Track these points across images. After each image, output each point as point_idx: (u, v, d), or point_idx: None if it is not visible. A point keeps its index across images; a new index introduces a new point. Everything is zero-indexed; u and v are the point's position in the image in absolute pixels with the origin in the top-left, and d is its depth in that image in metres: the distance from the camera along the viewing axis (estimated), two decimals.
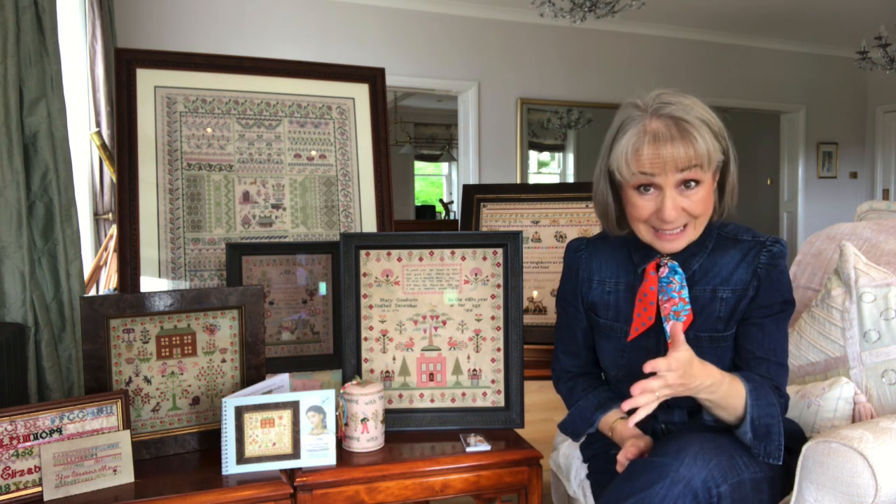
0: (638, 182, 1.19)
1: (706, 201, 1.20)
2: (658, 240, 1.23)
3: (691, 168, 1.16)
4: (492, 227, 2.16)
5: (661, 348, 1.27)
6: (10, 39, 1.67)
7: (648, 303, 1.27)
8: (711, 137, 1.17)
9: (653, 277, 1.27)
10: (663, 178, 1.16)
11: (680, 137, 1.15)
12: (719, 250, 1.27)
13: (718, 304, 1.25)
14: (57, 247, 1.79)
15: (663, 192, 1.17)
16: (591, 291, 1.37)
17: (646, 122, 1.18)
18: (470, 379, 1.55)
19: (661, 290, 1.26)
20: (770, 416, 1.15)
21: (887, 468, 1.09)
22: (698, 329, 1.25)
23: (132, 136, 1.80)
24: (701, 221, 1.22)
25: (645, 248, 1.29)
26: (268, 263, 1.75)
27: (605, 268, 1.37)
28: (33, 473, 1.20)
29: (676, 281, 1.25)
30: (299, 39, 5.21)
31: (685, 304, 1.24)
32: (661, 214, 1.18)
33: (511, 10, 5.80)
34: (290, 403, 1.31)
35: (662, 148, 1.15)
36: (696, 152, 1.15)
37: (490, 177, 5.93)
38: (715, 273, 1.26)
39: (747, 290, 1.24)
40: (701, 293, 1.26)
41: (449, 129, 10.43)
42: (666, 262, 1.27)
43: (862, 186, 7.76)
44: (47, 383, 1.74)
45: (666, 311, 1.25)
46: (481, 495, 1.43)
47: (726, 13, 6.16)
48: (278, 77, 1.97)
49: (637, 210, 1.21)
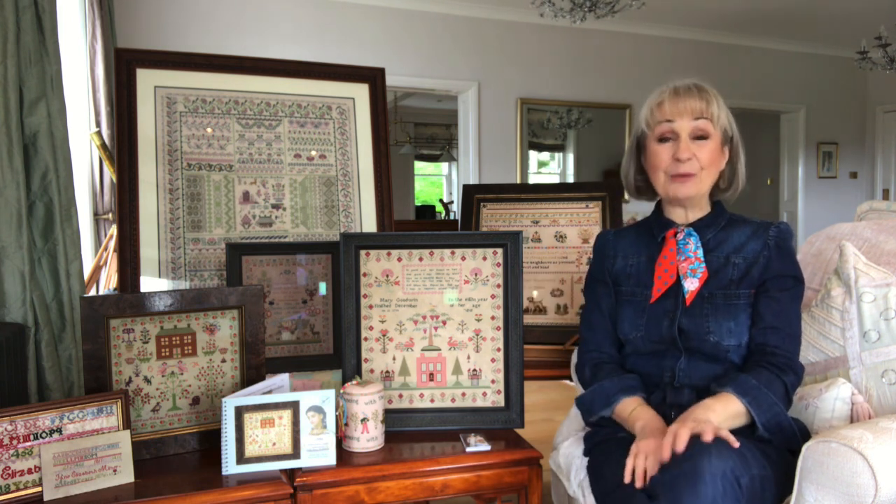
0: (660, 131, 1.40)
1: (713, 155, 1.40)
2: (672, 183, 1.40)
3: (703, 118, 1.38)
4: (492, 227, 2.16)
5: (678, 306, 1.38)
6: (10, 39, 1.67)
7: (669, 263, 1.42)
8: (724, 110, 1.41)
9: (672, 241, 1.43)
10: (680, 123, 1.38)
11: (697, 94, 1.39)
12: (731, 227, 1.45)
13: (731, 269, 1.39)
14: (57, 247, 1.79)
15: (679, 139, 1.38)
16: (614, 265, 1.51)
17: (670, 87, 1.43)
18: (470, 379, 1.55)
19: (679, 251, 1.41)
20: (776, 416, 1.25)
21: (887, 468, 1.09)
22: (712, 287, 1.38)
23: (132, 136, 1.80)
24: (707, 175, 1.40)
25: (664, 221, 1.46)
26: (268, 263, 1.75)
27: (629, 246, 1.52)
28: (33, 473, 1.20)
29: (692, 243, 1.41)
30: (299, 39, 5.20)
31: (700, 262, 1.39)
32: (677, 154, 1.38)
33: (511, 10, 5.80)
34: (290, 403, 1.31)
35: (681, 100, 1.39)
36: (708, 107, 1.38)
37: (490, 177, 5.93)
38: (728, 244, 1.42)
39: (758, 259, 1.38)
40: (715, 259, 1.41)
41: (449, 129, 10.43)
42: (683, 228, 1.43)
43: (862, 186, 7.76)
44: (47, 383, 1.74)
45: (683, 270, 1.39)
46: (481, 495, 1.43)
47: (726, 13, 6.15)
48: (278, 77, 1.97)
49: (657, 158, 1.41)
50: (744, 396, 1.24)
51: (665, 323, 1.39)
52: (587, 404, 1.43)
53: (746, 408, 1.23)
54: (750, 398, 1.24)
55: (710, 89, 1.42)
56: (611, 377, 1.42)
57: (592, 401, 1.42)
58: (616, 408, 1.37)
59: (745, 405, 1.23)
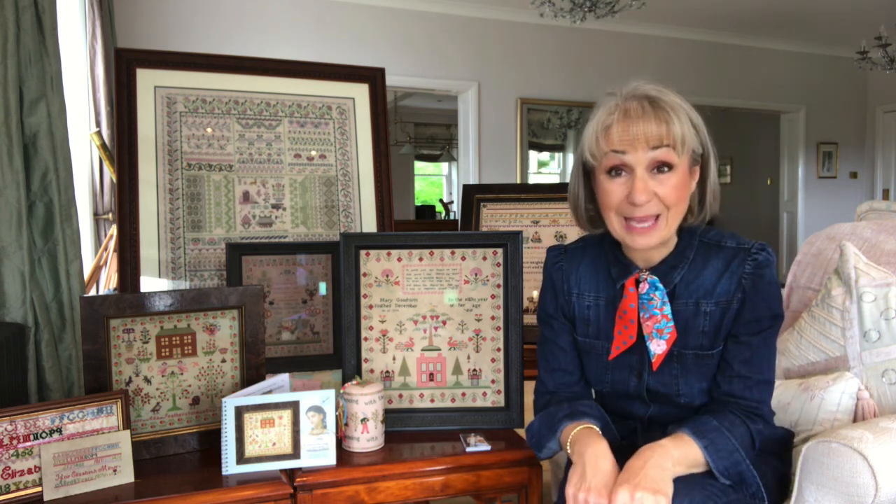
0: (609, 163, 1.14)
1: (680, 189, 1.13)
2: (629, 233, 1.15)
3: (663, 147, 1.11)
4: (492, 227, 2.16)
5: (644, 365, 1.22)
6: (10, 39, 1.67)
7: (629, 321, 1.20)
8: (688, 124, 1.13)
9: (632, 294, 1.21)
10: (634, 156, 1.11)
11: (653, 114, 1.11)
12: (700, 259, 1.20)
13: (702, 319, 1.19)
14: (57, 247, 1.79)
15: (634, 175, 1.12)
16: (569, 305, 1.30)
17: (618, 102, 1.15)
18: (470, 379, 1.55)
19: (642, 306, 1.19)
20: (736, 464, 1.10)
21: (887, 468, 1.09)
22: (682, 346, 1.19)
23: (132, 136, 1.80)
24: (674, 214, 1.15)
25: (623, 263, 1.24)
26: (268, 263, 1.75)
27: (584, 281, 1.29)
28: (33, 473, 1.20)
29: (657, 297, 1.19)
30: (299, 39, 5.21)
31: (668, 321, 1.18)
32: (631, 197, 1.12)
33: (511, 10, 5.80)
34: (290, 403, 1.31)
35: (633, 124, 1.11)
36: (669, 131, 1.11)
37: (490, 177, 5.93)
38: (697, 286, 1.19)
39: (731, 303, 1.18)
40: (683, 307, 1.20)
41: (449, 129, 10.43)
42: (646, 277, 1.20)
43: (862, 186, 7.76)
44: (47, 383, 1.74)
45: (648, 330, 1.19)
46: (481, 495, 1.42)
47: (727, 13, 6.16)
48: (278, 77, 1.97)
49: (607, 196, 1.16)
50: (700, 439, 1.09)
51: (632, 382, 1.23)
52: (535, 434, 1.25)
53: (703, 457, 1.09)
54: (707, 441, 1.09)
55: (668, 101, 1.13)
56: (561, 405, 1.25)
57: (539, 429, 1.24)
58: (562, 434, 1.19)
59: (701, 452, 1.09)
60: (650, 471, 1.03)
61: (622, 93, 1.17)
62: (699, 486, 1.08)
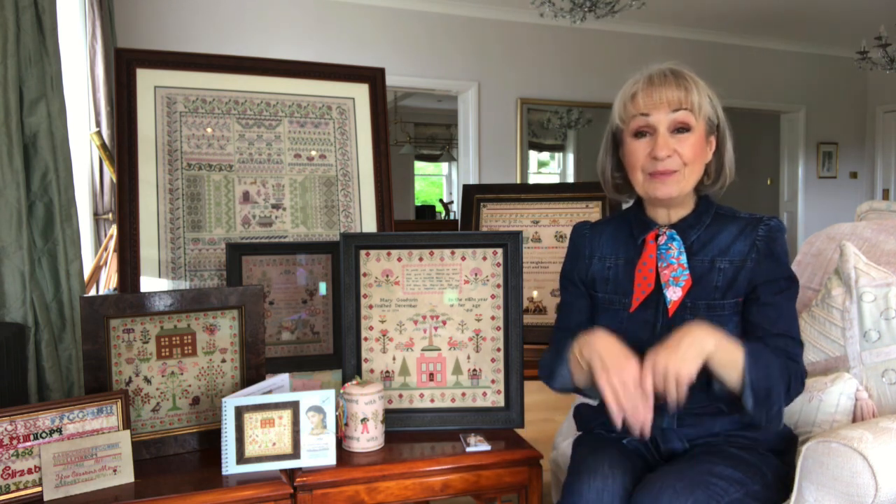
0: (636, 125, 1.27)
1: (696, 148, 1.27)
2: (651, 182, 1.27)
3: (682, 110, 1.25)
4: (492, 227, 2.16)
5: (659, 318, 1.29)
6: (10, 39, 1.67)
7: (648, 270, 1.31)
8: (706, 97, 1.27)
9: (651, 246, 1.32)
10: (656, 117, 1.25)
11: (674, 82, 1.26)
12: (717, 225, 1.32)
13: (716, 275, 1.28)
14: (57, 247, 1.79)
15: (657, 134, 1.25)
16: (590, 267, 1.40)
17: (644, 73, 1.31)
18: (470, 379, 1.55)
19: (661, 256, 1.30)
20: (768, 378, 1.15)
21: (887, 468, 1.09)
22: (696, 297, 1.28)
23: (132, 136, 1.80)
24: (691, 171, 1.27)
25: (645, 221, 1.35)
26: (268, 263, 1.75)
27: (606, 245, 1.40)
28: (33, 473, 1.20)
29: (675, 247, 1.30)
30: (299, 39, 5.20)
31: (683, 269, 1.28)
32: (654, 152, 1.25)
33: (511, 10, 5.80)
34: (290, 403, 1.31)
35: (656, 90, 1.26)
36: (688, 96, 1.25)
37: (490, 177, 5.93)
38: (713, 246, 1.30)
39: (745, 262, 1.27)
40: (699, 263, 1.29)
41: (449, 129, 10.42)
42: (665, 231, 1.32)
43: (862, 186, 7.76)
44: (47, 383, 1.74)
45: (665, 278, 1.28)
46: (481, 495, 1.42)
47: (726, 13, 6.15)
48: (278, 77, 1.97)
49: (633, 156, 1.29)
50: (745, 346, 1.15)
51: (646, 335, 1.29)
52: (546, 365, 1.36)
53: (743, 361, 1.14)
54: (751, 349, 1.15)
55: (688, 74, 1.28)
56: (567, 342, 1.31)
57: (550, 359, 1.34)
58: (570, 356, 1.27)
59: (744, 357, 1.14)
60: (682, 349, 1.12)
61: (648, 69, 1.32)
62: (702, 486, 1.10)
